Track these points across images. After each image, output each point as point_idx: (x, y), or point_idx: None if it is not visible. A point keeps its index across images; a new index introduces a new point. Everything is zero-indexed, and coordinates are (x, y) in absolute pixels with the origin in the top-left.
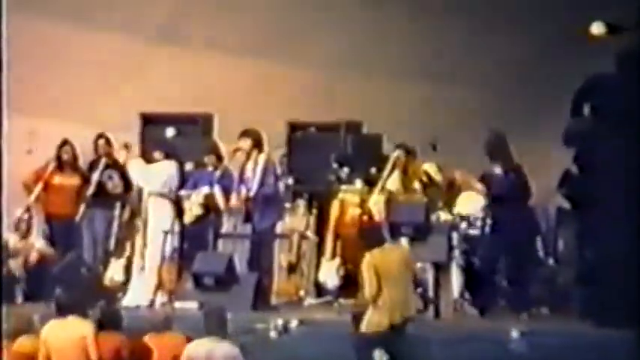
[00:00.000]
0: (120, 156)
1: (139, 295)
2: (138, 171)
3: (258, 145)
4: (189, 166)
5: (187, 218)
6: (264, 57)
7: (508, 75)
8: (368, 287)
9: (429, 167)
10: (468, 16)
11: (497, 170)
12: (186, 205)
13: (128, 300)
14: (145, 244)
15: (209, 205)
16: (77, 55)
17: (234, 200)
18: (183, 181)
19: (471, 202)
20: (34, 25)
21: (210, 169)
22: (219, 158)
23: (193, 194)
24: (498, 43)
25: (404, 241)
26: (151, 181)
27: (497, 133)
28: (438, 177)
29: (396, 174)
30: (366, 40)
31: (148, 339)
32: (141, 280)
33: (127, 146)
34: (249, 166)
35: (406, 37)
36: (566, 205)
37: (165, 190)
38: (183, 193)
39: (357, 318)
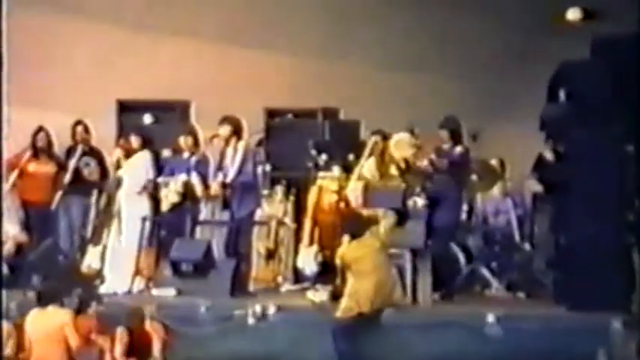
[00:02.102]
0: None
1: (116, 282)
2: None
3: (237, 132)
4: (166, 153)
5: (165, 205)
6: (240, 44)
7: (484, 61)
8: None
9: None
10: (445, 4)
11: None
12: (164, 192)
13: (105, 287)
14: (121, 231)
15: (187, 192)
16: (54, 43)
17: (212, 187)
18: (160, 168)
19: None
20: (9, 14)
21: (186, 155)
22: (196, 143)
23: (171, 182)
24: (474, 30)
25: (381, 227)
26: (130, 177)
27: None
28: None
29: (373, 160)
30: (343, 27)
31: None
32: (118, 267)
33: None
34: (229, 153)
35: (383, 25)
36: (539, 188)
37: (142, 181)
38: (160, 180)
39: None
